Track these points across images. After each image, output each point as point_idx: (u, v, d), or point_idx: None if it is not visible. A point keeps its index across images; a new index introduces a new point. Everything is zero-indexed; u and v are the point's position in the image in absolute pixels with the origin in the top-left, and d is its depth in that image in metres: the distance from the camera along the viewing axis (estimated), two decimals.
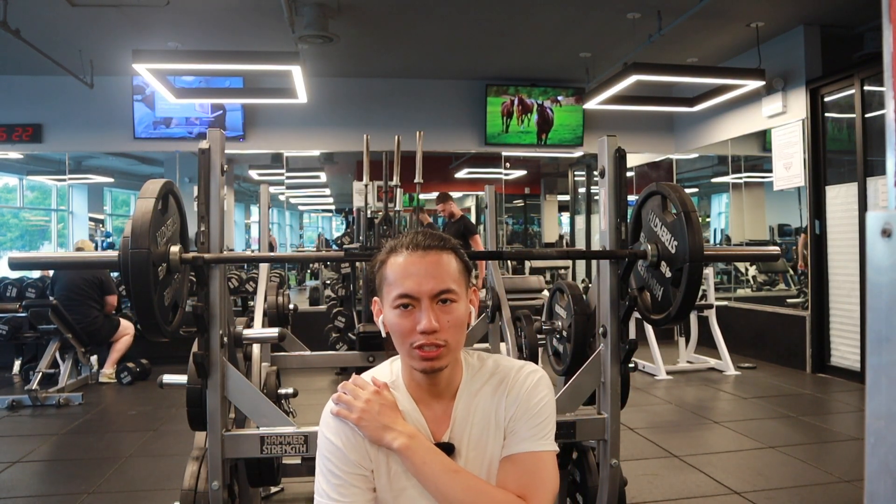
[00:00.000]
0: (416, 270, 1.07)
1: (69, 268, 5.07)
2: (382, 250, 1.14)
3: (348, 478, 1.08)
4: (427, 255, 1.08)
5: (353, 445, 1.09)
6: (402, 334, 1.07)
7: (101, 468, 3.34)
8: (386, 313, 1.10)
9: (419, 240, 1.10)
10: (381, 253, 1.14)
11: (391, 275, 1.09)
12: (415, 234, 1.12)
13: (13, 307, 5.34)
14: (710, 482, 3.06)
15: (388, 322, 1.09)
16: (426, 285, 1.06)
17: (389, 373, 1.18)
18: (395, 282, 1.07)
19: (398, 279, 1.07)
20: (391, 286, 1.08)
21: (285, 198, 8.52)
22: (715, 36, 5.69)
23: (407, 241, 1.11)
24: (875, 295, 0.51)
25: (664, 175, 7.71)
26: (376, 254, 1.16)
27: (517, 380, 1.15)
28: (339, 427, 1.11)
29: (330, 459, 1.09)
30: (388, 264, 1.10)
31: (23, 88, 6.44)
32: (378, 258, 1.14)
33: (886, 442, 0.49)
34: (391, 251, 1.11)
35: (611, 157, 1.89)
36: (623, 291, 1.88)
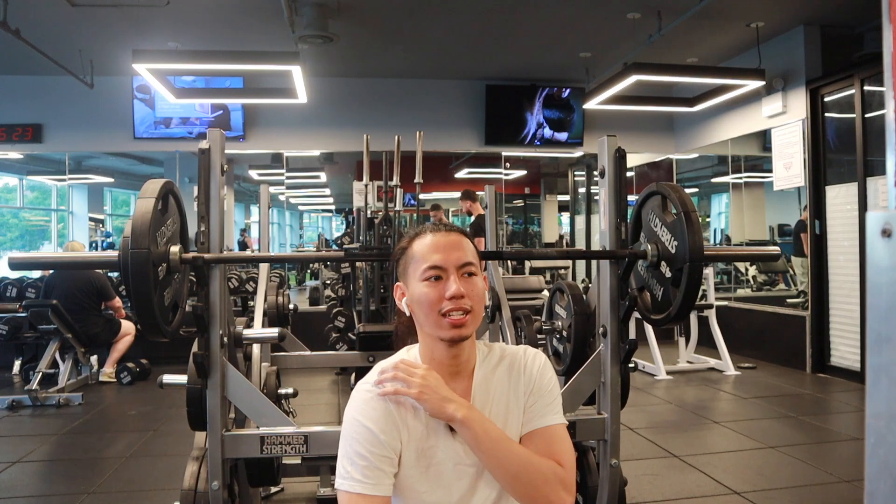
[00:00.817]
0: (443, 245, 1.17)
1: (69, 268, 5.06)
2: (403, 239, 1.24)
3: (376, 460, 1.10)
4: (450, 235, 1.19)
5: (385, 428, 1.12)
6: (431, 304, 1.14)
7: (101, 468, 3.34)
8: (413, 289, 1.17)
9: (442, 227, 1.21)
10: (403, 240, 1.23)
11: (419, 252, 1.18)
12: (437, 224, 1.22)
13: (13, 307, 5.34)
14: (710, 482, 3.06)
15: (417, 295, 1.16)
16: (452, 256, 1.16)
17: (406, 357, 1.23)
18: (424, 256, 1.17)
19: (427, 254, 1.17)
20: (419, 261, 1.17)
21: (285, 198, 8.52)
22: (715, 36, 5.69)
23: (429, 227, 1.21)
24: (875, 295, 0.51)
25: (664, 175, 7.71)
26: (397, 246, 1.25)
27: (527, 361, 1.25)
28: (371, 410, 1.14)
29: (359, 441, 1.11)
30: (414, 245, 1.19)
31: (23, 88, 6.44)
32: (399, 245, 1.23)
33: (886, 442, 0.49)
34: (414, 237, 1.21)
35: (611, 157, 1.89)
36: (623, 291, 1.88)
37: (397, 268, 1.24)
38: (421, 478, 1.15)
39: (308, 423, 2.61)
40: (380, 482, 1.10)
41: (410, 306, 1.19)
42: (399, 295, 1.22)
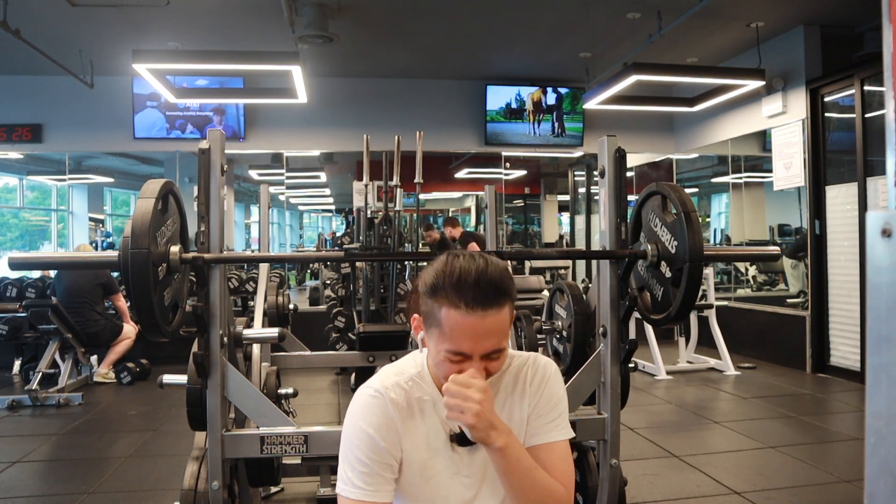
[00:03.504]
0: (474, 333, 1.05)
1: (69, 268, 5.07)
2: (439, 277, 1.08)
3: (376, 466, 1.10)
4: (486, 317, 1.05)
5: (386, 435, 1.11)
6: (446, 374, 1.09)
7: (101, 468, 3.34)
8: (431, 347, 1.11)
9: (481, 296, 1.05)
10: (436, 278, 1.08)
11: (447, 328, 1.06)
12: (477, 283, 1.05)
13: (13, 307, 5.34)
14: (710, 482, 3.06)
15: (433, 358, 1.11)
16: (481, 346, 1.07)
17: (413, 363, 1.20)
18: (451, 338, 1.06)
19: (454, 337, 1.06)
20: (444, 339, 1.07)
21: (285, 198, 8.52)
22: (715, 36, 5.69)
23: (469, 297, 1.04)
24: (875, 295, 0.51)
25: (664, 175, 7.71)
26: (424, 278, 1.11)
27: (535, 373, 1.21)
28: (373, 416, 1.12)
29: (359, 447, 1.10)
30: (445, 312, 1.06)
31: (23, 88, 6.44)
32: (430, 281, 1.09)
33: (886, 442, 0.49)
34: (448, 296, 1.05)
35: (611, 157, 1.89)
36: (623, 291, 1.88)
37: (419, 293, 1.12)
38: (420, 487, 1.14)
39: (308, 423, 2.61)
40: (380, 488, 1.09)
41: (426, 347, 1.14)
42: (415, 327, 1.15)
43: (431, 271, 1.10)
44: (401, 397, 1.14)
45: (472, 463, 1.16)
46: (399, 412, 1.13)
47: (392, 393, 1.14)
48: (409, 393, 1.15)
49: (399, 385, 1.15)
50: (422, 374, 1.18)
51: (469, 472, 1.15)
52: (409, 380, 1.17)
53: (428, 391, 1.17)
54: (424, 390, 1.17)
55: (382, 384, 1.15)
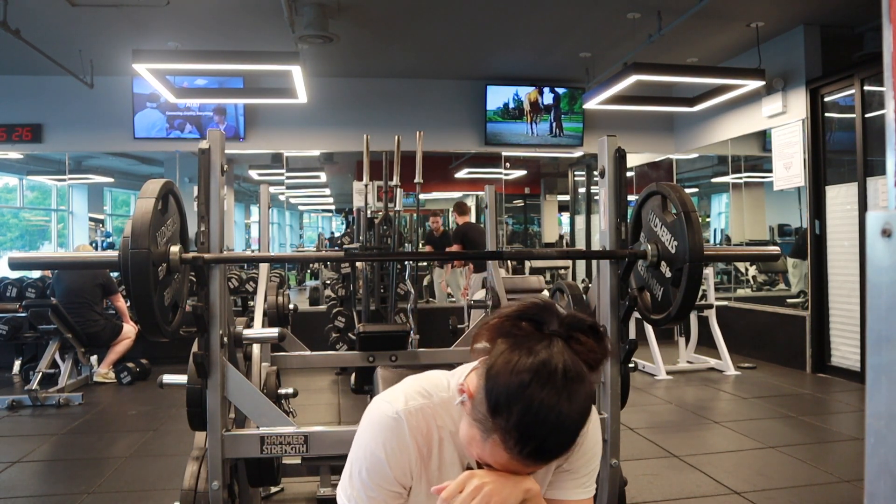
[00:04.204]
0: (519, 472, 0.95)
1: (69, 268, 5.07)
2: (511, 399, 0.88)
3: (382, 494, 1.04)
4: (536, 466, 0.95)
5: (398, 462, 1.03)
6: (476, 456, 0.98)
7: (101, 468, 3.34)
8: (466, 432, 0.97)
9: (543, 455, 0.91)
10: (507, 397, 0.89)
11: (490, 453, 0.93)
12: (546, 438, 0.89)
13: (13, 307, 5.34)
14: (710, 482, 3.06)
15: (463, 436, 0.98)
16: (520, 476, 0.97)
17: (446, 387, 1.09)
18: (491, 461, 0.94)
19: (495, 464, 0.94)
20: (484, 453, 0.94)
21: (285, 198, 8.52)
22: (715, 36, 5.69)
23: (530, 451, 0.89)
24: (875, 295, 0.51)
25: (664, 175, 7.71)
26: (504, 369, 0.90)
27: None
28: (388, 441, 1.03)
29: (369, 471, 1.03)
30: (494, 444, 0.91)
31: (23, 88, 6.44)
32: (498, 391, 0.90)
33: (886, 442, 0.49)
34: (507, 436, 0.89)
35: (611, 157, 1.89)
36: (623, 291, 1.88)
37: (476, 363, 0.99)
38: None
39: (308, 423, 2.61)
40: None
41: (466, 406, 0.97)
42: (460, 389, 0.99)
43: (506, 376, 0.89)
44: (422, 424, 1.04)
45: None
46: (417, 440, 1.04)
47: (414, 419, 1.04)
48: (433, 419, 1.05)
49: (423, 410, 1.05)
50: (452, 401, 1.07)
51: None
52: (436, 405, 1.06)
53: (453, 420, 1.06)
54: (451, 419, 1.07)
55: (406, 407, 1.04)
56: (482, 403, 0.91)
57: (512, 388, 0.88)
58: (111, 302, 5.51)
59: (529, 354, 0.89)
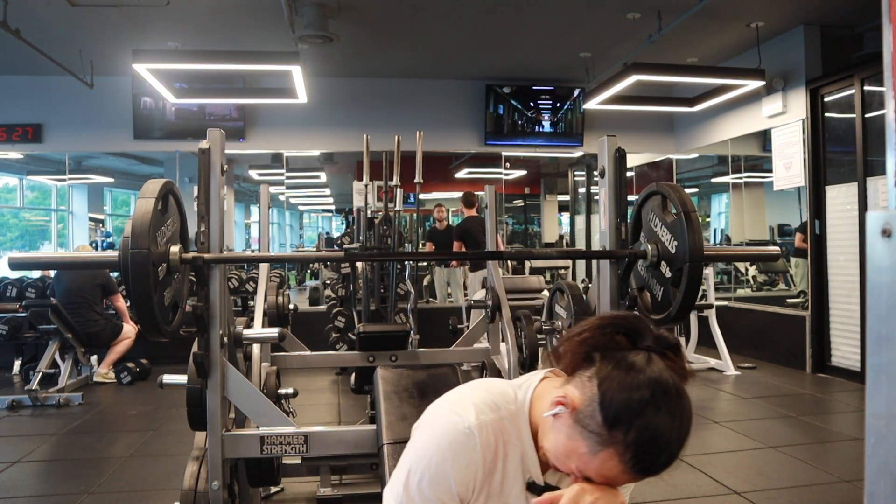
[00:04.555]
0: (619, 484, 0.95)
1: (69, 268, 5.07)
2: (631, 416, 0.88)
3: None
4: (642, 479, 0.94)
5: (463, 478, 0.99)
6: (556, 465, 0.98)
7: (101, 468, 3.34)
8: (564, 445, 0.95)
9: (653, 470, 0.92)
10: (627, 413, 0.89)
11: (597, 466, 0.92)
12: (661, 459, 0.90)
13: (13, 307, 5.34)
14: (710, 482, 3.06)
15: (555, 449, 0.96)
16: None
17: (514, 399, 1.05)
18: (594, 472, 0.93)
19: (598, 475, 0.93)
20: (587, 465, 0.92)
21: (285, 198, 8.52)
22: (715, 36, 5.69)
23: (643, 467, 0.90)
24: (875, 295, 0.50)
25: (664, 175, 7.71)
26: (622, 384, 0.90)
27: None
28: (458, 456, 0.97)
29: (431, 482, 0.99)
30: (607, 458, 0.90)
31: (23, 88, 6.44)
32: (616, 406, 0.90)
33: (886, 442, 0.49)
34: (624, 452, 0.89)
35: (611, 157, 1.89)
36: (623, 291, 1.88)
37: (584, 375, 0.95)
38: None
39: (308, 423, 2.61)
40: None
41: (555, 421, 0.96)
42: (558, 400, 0.95)
43: (626, 391, 0.90)
44: (491, 439, 1.00)
45: None
46: (485, 456, 1.00)
47: (485, 434, 0.99)
48: (500, 434, 1.01)
49: (493, 424, 1.01)
50: (520, 415, 1.04)
51: None
52: (503, 418, 1.02)
53: (521, 436, 1.03)
54: (518, 436, 1.03)
55: (479, 421, 0.99)
56: (594, 416, 0.90)
57: (633, 403, 0.89)
58: (111, 302, 5.52)
59: (641, 370, 0.91)
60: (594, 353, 0.96)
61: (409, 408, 1.73)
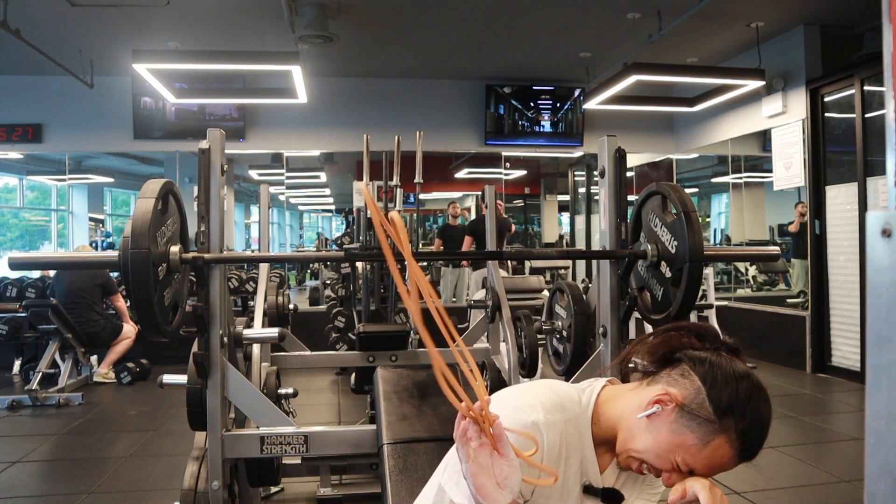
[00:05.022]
0: (721, 470, 0.97)
1: (69, 268, 5.07)
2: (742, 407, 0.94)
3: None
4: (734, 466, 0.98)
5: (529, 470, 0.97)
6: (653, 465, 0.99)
7: (101, 468, 3.34)
8: (665, 442, 0.97)
9: (755, 453, 0.97)
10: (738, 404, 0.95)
11: (707, 455, 0.95)
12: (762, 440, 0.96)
13: (13, 307, 5.34)
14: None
15: (656, 448, 0.97)
16: (709, 475, 0.98)
17: (578, 402, 1.06)
18: (702, 462, 0.95)
19: (706, 464, 0.95)
20: (694, 457, 0.95)
21: (285, 198, 8.52)
22: (715, 36, 5.69)
23: (752, 452, 0.96)
24: (875, 295, 0.50)
25: (664, 175, 7.71)
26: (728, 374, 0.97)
27: None
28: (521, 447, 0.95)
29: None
30: (719, 444, 0.94)
31: (23, 88, 6.44)
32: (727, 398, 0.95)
33: (886, 442, 0.48)
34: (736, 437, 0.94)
35: (611, 157, 1.89)
36: (623, 291, 1.88)
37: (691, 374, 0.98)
38: None
39: (308, 423, 2.61)
40: None
41: (649, 422, 0.98)
42: (659, 396, 0.98)
43: (730, 377, 0.96)
44: (555, 440, 1.00)
45: None
46: (549, 456, 1.00)
47: (551, 433, 1.00)
48: (564, 436, 1.02)
49: (558, 426, 1.01)
50: (583, 417, 1.05)
51: None
52: (567, 420, 1.03)
53: (582, 439, 1.04)
54: (579, 438, 1.04)
55: (546, 420, 1.00)
56: (704, 407, 0.95)
57: (741, 392, 0.95)
58: (111, 302, 5.52)
59: (734, 365, 0.99)
60: (677, 353, 1.01)
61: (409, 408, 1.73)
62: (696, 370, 0.98)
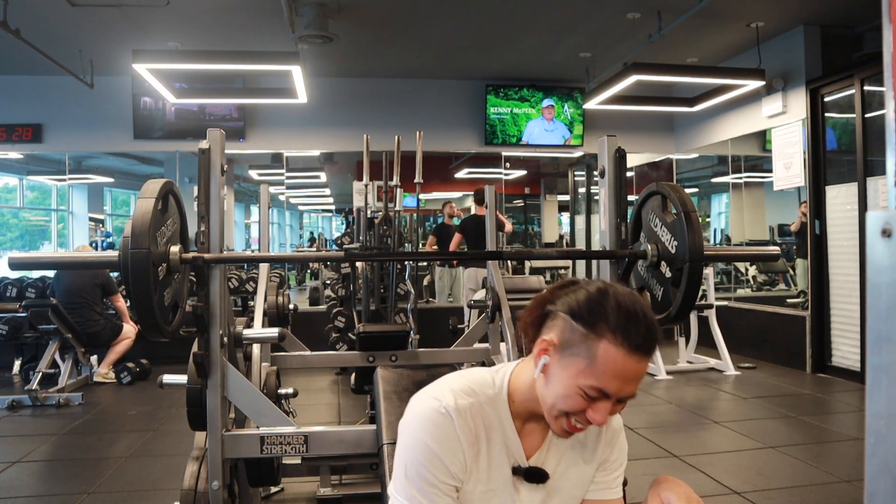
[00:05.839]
0: (626, 376, 0.98)
1: (69, 268, 5.07)
2: (603, 307, 0.99)
3: (445, 489, 1.02)
4: (642, 362, 0.99)
5: (451, 452, 1.02)
6: (569, 409, 1.01)
7: (101, 468, 3.34)
8: (567, 381, 1.00)
9: (648, 341, 0.98)
10: (598, 307, 0.99)
11: (601, 364, 0.97)
12: (647, 326, 0.98)
13: (13, 307, 5.34)
14: (710, 482, 3.06)
15: (561, 392, 1.00)
16: (625, 390, 0.99)
17: (491, 384, 1.10)
18: (600, 376, 0.97)
19: (605, 376, 0.97)
20: (590, 375, 0.98)
21: (285, 198, 8.52)
22: (715, 36, 5.69)
23: (639, 340, 0.97)
24: (875, 295, 0.51)
25: (664, 175, 7.71)
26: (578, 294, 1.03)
27: (609, 425, 1.15)
28: (439, 434, 1.02)
29: (426, 466, 1.02)
30: (605, 348, 0.97)
31: (23, 88, 6.44)
32: (586, 308, 1.00)
33: (886, 442, 0.49)
34: (615, 333, 0.97)
35: (611, 157, 1.89)
36: None
37: (557, 315, 1.03)
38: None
39: (308, 423, 2.61)
40: None
41: (546, 371, 1.02)
42: (541, 349, 1.02)
43: (585, 296, 1.01)
44: (471, 423, 1.04)
45: (533, 498, 1.10)
46: (466, 438, 1.03)
47: (463, 418, 1.03)
48: (480, 418, 1.05)
49: (472, 409, 1.05)
50: (499, 398, 1.08)
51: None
52: (483, 403, 1.07)
53: (502, 419, 1.07)
54: (497, 417, 1.07)
55: (456, 404, 1.04)
56: (575, 331, 1.00)
57: (599, 297, 1.01)
58: (111, 302, 5.52)
59: (587, 284, 1.06)
60: (547, 305, 1.06)
61: None
62: (560, 310, 1.02)
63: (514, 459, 1.08)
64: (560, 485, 1.11)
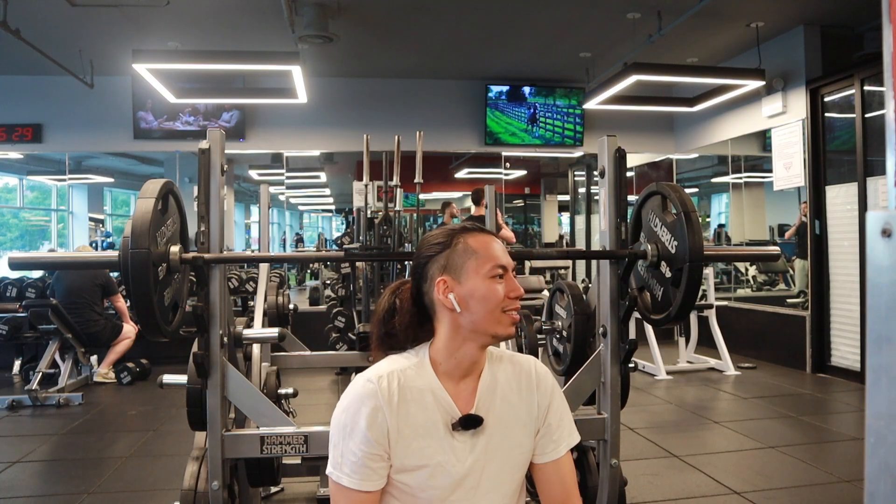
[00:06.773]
0: (500, 248, 1.19)
1: (69, 268, 5.07)
2: (439, 234, 1.21)
3: (366, 459, 1.10)
4: (493, 236, 1.21)
5: (377, 426, 1.11)
6: (498, 301, 1.16)
7: (101, 468, 3.34)
8: (474, 284, 1.16)
9: (480, 227, 1.24)
10: (440, 236, 1.21)
11: (481, 249, 1.17)
12: (470, 218, 1.24)
13: (13, 307, 5.34)
14: (710, 482, 3.06)
15: (482, 291, 1.15)
16: (507, 260, 1.19)
17: (414, 354, 1.21)
18: (488, 255, 1.17)
19: (490, 253, 1.17)
20: (484, 258, 1.16)
21: (285, 198, 8.52)
22: (715, 36, 5.69)
23: (472, 226, 1.23)
24: (875, 295, 0.51)
25: (664, 175, 7.71)
26: (431, 240, 1.22)
27: (539, 373, 1.25)
28: (364, 405, 1.12)
29: (350, 438, 1.11)
30: (470, 241, 1.18)
31: (23, 88, 6.44)
32: (444, 240, 1.20)
33: (886, 442, 0.49)
34: (461, 232, 1.20)
35: (611, 157, 1.89)
36: (623, 291, 1.88)
37: (432, 262, 1.19)
38: (415, 476, 1.13)
39: (308, 423, 2.61)
40: (368, 478, 1.10)
41: (461, 301, 1.15)
42: (444, 290, 1.16)
43: (436, 236, 1.21)
44: (394, 386, 1.14)
45: (474, 450, 1.16)
46: (391, 401, 1.12)
47: (386, 382, 1.14)
48: (406, 382, 1.15)
49: (395, 374, 1.15)
50: (422, 363, 1.18)
51: (470, 462, 1.15)
52: (406, 369, 1.17)
53: (427, 380, 1.17)
54: (424, 380, 1.17)
55: (377, 373, 1.16)
56: (447, 256, 1.18)
57: (439, 231, 1.23)
58: (111, 302, 5.52)
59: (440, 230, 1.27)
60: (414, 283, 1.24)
61: None
62: (426, 260, 1.20)
63: (449, 415, 1.16)
64: (496, 430, 1.18)
